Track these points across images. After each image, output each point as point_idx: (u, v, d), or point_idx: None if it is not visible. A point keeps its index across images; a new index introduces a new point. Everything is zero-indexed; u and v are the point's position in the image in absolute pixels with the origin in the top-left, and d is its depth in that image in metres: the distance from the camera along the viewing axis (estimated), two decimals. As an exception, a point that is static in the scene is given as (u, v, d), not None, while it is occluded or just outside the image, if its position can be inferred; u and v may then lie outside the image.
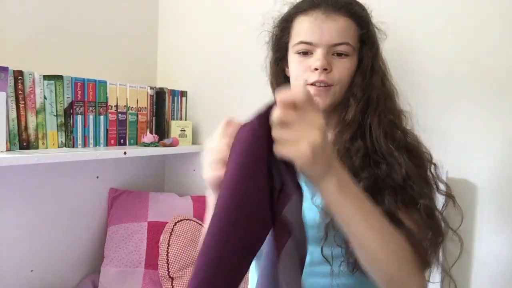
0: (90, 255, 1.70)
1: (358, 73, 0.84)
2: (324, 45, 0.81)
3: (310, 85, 0.82)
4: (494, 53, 1.30)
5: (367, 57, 0.85)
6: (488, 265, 1.32)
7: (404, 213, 0.77)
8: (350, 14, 0.84)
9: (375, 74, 0.85)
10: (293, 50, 0.85)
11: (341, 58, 0.83)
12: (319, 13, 0.82)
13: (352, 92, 0.84)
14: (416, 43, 1.38)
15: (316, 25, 0.82)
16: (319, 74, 0.81)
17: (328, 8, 0.82)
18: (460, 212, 0.87)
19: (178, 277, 1.57)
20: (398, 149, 0.82)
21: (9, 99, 1.26)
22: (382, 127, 0.83)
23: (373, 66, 0.85)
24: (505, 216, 1.30)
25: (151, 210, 1.72)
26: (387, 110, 0.85)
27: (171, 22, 1.95)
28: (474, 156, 1.33)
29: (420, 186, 0.80)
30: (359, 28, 0.84)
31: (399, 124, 0.86)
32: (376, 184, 0.77)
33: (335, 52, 0.82)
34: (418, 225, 0.77)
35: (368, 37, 0.86)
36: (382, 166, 0.80)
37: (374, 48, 0.86)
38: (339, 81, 0.83)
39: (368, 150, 0.82)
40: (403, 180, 0.79)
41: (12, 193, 1.42)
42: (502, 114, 1.29)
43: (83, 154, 1.39)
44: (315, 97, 0.81)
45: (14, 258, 1.45)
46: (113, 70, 1.76)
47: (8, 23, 1.41)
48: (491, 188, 1.32)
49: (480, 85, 1.32)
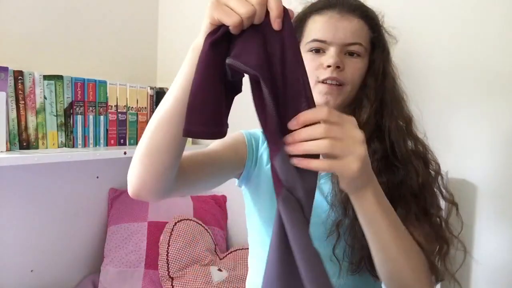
0: (90, 255, 1.71)
1: (369, 75, 0.85)
2: (337, 43, 0.81)
3: (321, 82, 0.82)
4: (493, 55, 1.30)
5: (378, 60, 0.85)
6: (487, 265, 1.32)
7: (414, 224, 0.78)
8: (364, 16, 0.84)
9: (387, 78, 0.86)
10: (306, 48, 0.85)
11: (353, 58, 0.83)
12: (334, 12, 0.83)
13: (366, 93, 0.84)
14: (416, 44, 1.38)
15: (331, 23, 0.82)
16: (331, 71, 0.80)
17: (343, 9, 0.83)
18: (460, 219, 0.87)
19: (178, 277, 1.57)
20: (415, 155, 0.82)
21: (9, 99, 1.26)
22: (400, 131, 0.83)
23: (384, 70, 0.86)
24: (505, 216, 1.30)
25: (151, 210, 1.72)
26: (399, 115, 0.85)
27: (171, 22, 1.95)
28: (474, 156, 1.33)
29: (432, 197, 0.81)
30: (371, 31, 0.85)
31: (411, 131, 0.86)
32: (392, 190, 0.77)
33: (347, 52, 0.82)
34: (426, 238, 0.78)
35: (379, 40, 0.86)
36: (399, 172, 0.80)
37: (385, 52, 0.87)
38: (351, 81, 0.83)
39: (387, 152, 0.81)
40: (418, 189, 0.80)
41: (12, 193, 1.42)
42: (502, 115, 1.29)
43: (83, 154, 1.40)
44: (326, 95, 0.81)
45: (14, 258, 1.45)
46: (113, 70, 1.76)
47: (8, 23, 1.41)
48: (491, 188, 1.32)
49: (480, 85, 1.32)
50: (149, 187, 0.65)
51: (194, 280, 1.56)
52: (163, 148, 0.62)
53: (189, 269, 1.60)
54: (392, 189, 0.77)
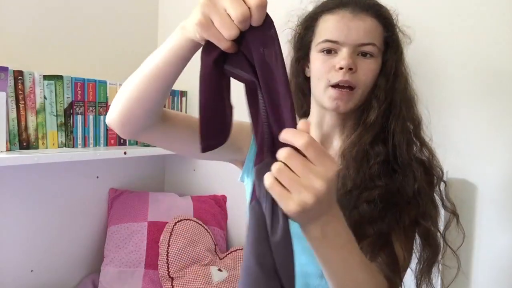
0: (90, 255, 1.70)
1: (381, 76, 0.82)
2: (350, 44, 0.78)
3: (332, 87, 0.79)
4: (494, 55, 1.30)
5: (391, 60, 0.83)
6: (488, 265, 1.32)
7: (399, 233, 0.77)
8: (377, 15, 0.81)
9: (398, 78, 0.83)
10: (317, 49, 0.82)
11: (366, 58, 0.80)
12: (347, 12, 0.80)
13: (375, 94, 0.82)
14: (417, 44, 1.38)
15: (344, 23, 0.79)
16: (343, 74, 0.77)
17: (356, 8, 0.80)
18: (462, 231, 0.86)
19: (178, 277, 1.57)
20: (416, 161, 0.81)
21: (9, 99, 1.26)
22: (405, 134, 0.81)
23: (396, 70, 0.83)
24: (505, 216, 1.30)
25: (151, 210, 1.72)
26: (409, 117, 0.83)
27: (171, 22, 1.95)
28: (474, 156, 1.33)
29: (425, 206, 0.79)
30: (385, 30, 0.82)
31: (418, 134, 0.84)
32: (387, 195, 0.76)
33: (360, 52, 0.79)
34: (407, 248, 0.77)
35: (393, 40, 0.84)
36: (398, 177, 0.79)
37: (398, 52, 0.84)
38: (363, 83, 0.80)
39: (389, 156, 0.80)
40: (412, 196, 0.78)
41: (12, 193, 1.42)
42: (503, 115, 1.29)
43: (83, 154, 1.40)
44: (336, 100, 0.79)
45: (14, 258, 1.45)
46: (113, 70, 1.75)
47: (8, 23, 1.41)
48: (491, 188, 1.32)
49: (480, 86, 1.32)
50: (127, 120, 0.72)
51: (194, 280, 1.56)
52: (148, 96, 0.68)
53: (189, 269, 1.59)
54: (387, 195, 0.76)
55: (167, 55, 0.62)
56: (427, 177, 0.82)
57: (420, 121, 0.85)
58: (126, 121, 0.72)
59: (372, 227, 0.75)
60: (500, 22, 1.28)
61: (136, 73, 0.68)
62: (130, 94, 0.69)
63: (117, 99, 0.72)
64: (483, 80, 1.32)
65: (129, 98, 0.69)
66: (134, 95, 0.68)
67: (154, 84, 0.66)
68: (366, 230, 0.75)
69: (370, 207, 0.76)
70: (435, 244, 0.80)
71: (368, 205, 0.76)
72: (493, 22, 1.29)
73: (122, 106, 0.71)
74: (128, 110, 0.70)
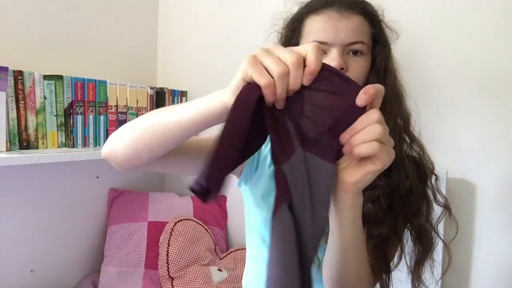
0: (90, 255, 1.71)
1: (372, 73, 0.82)
2: (339, 44, 0.78)
3: None
4: (497, 53, 1.30)
5: (380, 56, 0.83)
6: (488, 265, 1.32)
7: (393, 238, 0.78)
8: (363, 12, 0.81)
9: (388, 74, 0.83)
10: None
11: (357, 56, 0.80)
12: (333, 11, 0.79)
13: None
14: (418, 44, 1.38)
15: (331, 23, 0.79)
16: None
17: (341, 7, 0.80)
18: (456, 224, 0.87)
19: (178, 277, 1.57)
20: (408, 158, 0.81)
21: (9, 99, 1.26)
22: (396, 131, 0.81)
23: (386, 66, 0.83)
24: (505, 215, 1.30)
25: (151, 210, 1.72)
26: (398, 113, 0.83)
27: (171, 22, 1.96)
28: (474, 156, 1.33)
29: (418, 202, 0.79)
30: (371, 27, 0.82)
31: (408, 129, 0.84)
32: (385, 194, 0.77)
33: (350, 51, 0.79)
34: (395, 246, 0.78)
35: (381, 36, 0.84)
36: (393, 175, 0.79)
37: (386, 48, 0.84)
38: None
39: None
40: (405, 193, 0.78)
41: (12, 193, 1.42)
42: (503, 115, 1.30)
43: (83, 154, 1.40)
44: None
45: (14, 258, 1.45)
46: (113, 70, 1.76)
47: (8, 23, 1.41)
48: (491, 188, 1.32)
49: (480, 86, 1.32)
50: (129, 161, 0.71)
51: (194, 280, 1.56)
52: (157, 143, 0.66)
53: (189, 269, 1.60)
54: (388, 193, 0.76)
55: (196, 109, 0.60)
56: (419, 173, 0.82)
57: (409, 116, 0.85)
58: (128, 163, 0.71)
59: (377, 228, 0.76)
60: (486, 14, 1.29)
61: (149, 121, 0.67)
62: (141, 141, 0.67)
63: (123, 139, 0.70)
64: (483, 81, 1.32)
65: (138, 144, 0.68)
66: (147, 142, 0.67)
67: (171, 135, 0.64)
68: (371, 230, 0.76)
69: (375, 206, 0.77)
70: (428, 239, 0.80)
71: (373, 204, 0.77)
72: (480, 14, 1.29)
73: (128, 148, 0.69)
74: (134, 153, 0.69)
